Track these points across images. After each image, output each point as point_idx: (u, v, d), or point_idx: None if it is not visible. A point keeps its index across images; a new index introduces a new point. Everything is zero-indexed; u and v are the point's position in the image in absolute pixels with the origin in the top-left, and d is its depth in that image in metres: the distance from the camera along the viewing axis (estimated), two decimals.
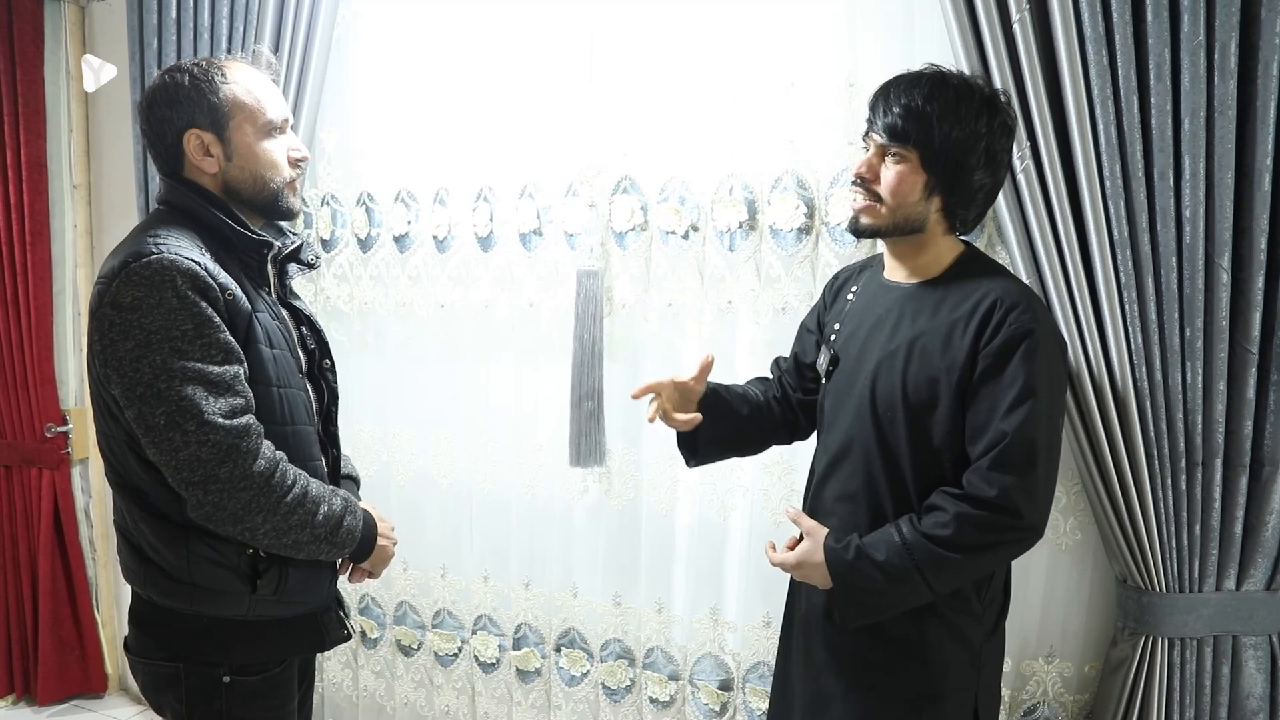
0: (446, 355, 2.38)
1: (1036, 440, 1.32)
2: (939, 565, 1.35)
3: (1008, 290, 1.37)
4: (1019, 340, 1.32)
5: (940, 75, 1.38)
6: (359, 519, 1.51)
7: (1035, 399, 1.31)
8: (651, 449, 2.16)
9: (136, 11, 2.48)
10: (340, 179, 2.44)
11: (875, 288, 1.54)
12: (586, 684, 2.32)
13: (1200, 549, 1.66)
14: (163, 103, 1.44)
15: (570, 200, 2.14)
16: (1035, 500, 1.33)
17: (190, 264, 1.32)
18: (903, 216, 1.40)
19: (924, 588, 1.36)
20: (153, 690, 1.50)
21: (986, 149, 1.37)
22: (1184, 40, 1.52)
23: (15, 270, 2.81)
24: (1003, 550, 1.39)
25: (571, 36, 2.11)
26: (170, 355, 1.29)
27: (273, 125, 1.49)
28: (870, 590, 1.39)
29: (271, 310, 1.49)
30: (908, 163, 1.37)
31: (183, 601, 1.42)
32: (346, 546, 1.48)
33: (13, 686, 3.02)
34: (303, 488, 1.41)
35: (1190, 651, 1.69)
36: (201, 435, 1.30)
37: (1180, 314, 1.59)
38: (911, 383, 1.40)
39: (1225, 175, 1.54)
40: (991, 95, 1.39)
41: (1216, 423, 1.62)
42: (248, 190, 1.48)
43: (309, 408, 1.54)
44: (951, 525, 1.33)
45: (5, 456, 2.95)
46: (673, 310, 2.10)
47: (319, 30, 2.28)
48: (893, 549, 1.37)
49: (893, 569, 1.36)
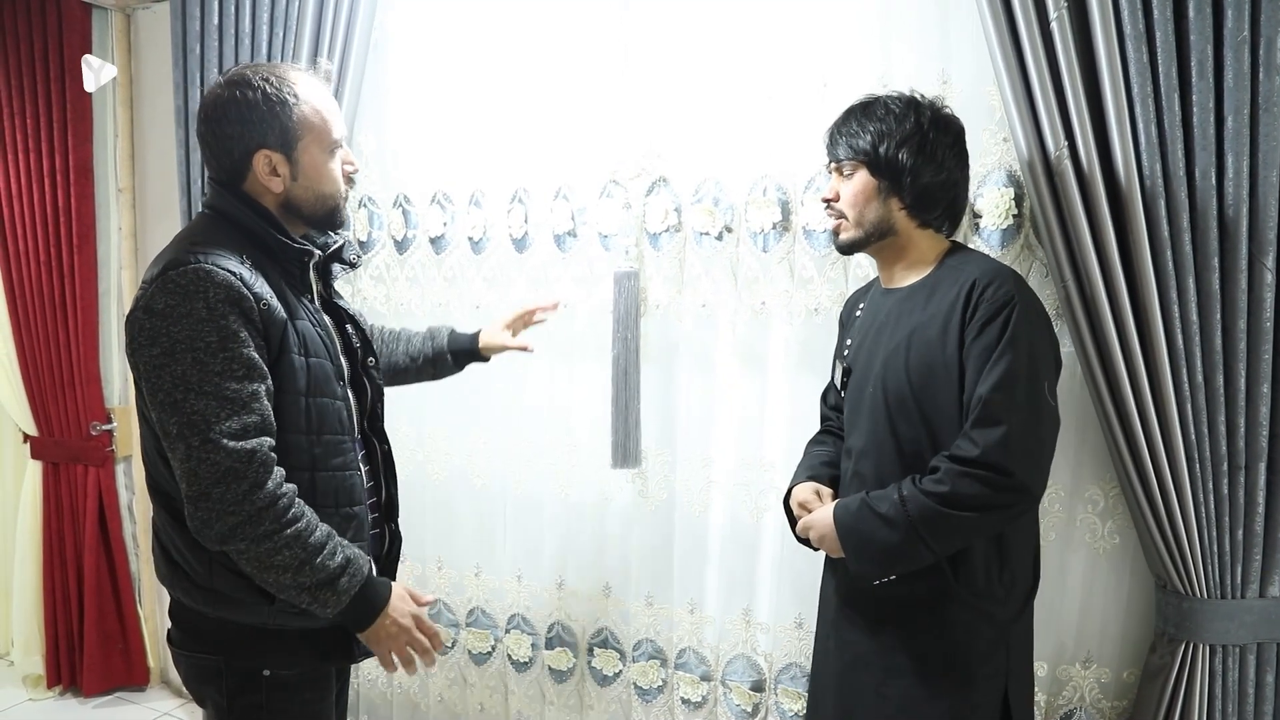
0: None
1: (1014, 396, 1.38)
2: (933, 521, 1.41)
3: (986, 270, 1.47)
4: (996, 311, 1.41)
5: (872, 97, 1.55)
6: (356, 583, 1.41)
7: (1009, 358, 1.38)
8: (685, 450, 2.16)
9: (180, 19, 2.53)
10: (377, 181, 2.47)
11: (877, 298, 1.65)
12: (619, 684, 2.33)
13: (1243, 554, 1.63)
14: (234, 119, 1.41)
15: (604, 201, 2.15)
16: (1016, 456, 1.37)
17: (225, 275, 1.33)
18: (869, 222, 1.54)
19: (921, 545, 1.42)
20: (195, 681, 1.53)
21: (921, 146, 1.49)
22: (1228, 36, 1.49)
23: (63, 272, 2.88)
24: (995, 512, 1.41)
25: (605, 38, 2.12)
26: (191, 366, 1.30)
27: (337, 143, 1.49)
28: (872, 540, 1.46)
29: (313, 317, 1.49)
30: (858, 174, 1.54)
31: (207, 606, 1.45)
32: (330, 607, 1.39)
33: (60, 678, 3.10)
34: (299, 530, 1.35)
35: (1232, 659, 1.66)
36: (203, 452, 1.30)
37: (1222, 315, 1.57)
38: (915, 373, 1.48)
39: (1270, 173, 1.51)
40: (917, 100, 1.53)
41: (1260, 426, 1.59)
42: (309, 207, 1.48)
43: (345, 417, 1.52)
44: (945, 482, 1.40)
45: (52, 454, 3.02)
46: (706, 311, 2.10)
47: (356, 35, 2.31)
48: (891, 503, 1.45)
49: (891, 520, 1.44)
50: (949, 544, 1.44)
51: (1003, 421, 1.37)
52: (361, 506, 1.54)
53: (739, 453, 2.10)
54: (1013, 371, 1.38)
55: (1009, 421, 1.37)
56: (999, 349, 1.39)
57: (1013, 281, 1.45)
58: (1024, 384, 1.39)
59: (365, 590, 1.42)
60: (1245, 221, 1.53)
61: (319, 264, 1.56)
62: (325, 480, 1.47)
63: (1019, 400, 1.38)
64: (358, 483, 1.54)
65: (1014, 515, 1.44)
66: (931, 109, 1.52)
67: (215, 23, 2.46)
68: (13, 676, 3.21)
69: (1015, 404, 1.38)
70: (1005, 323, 1.40)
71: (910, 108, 1.51)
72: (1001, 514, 1.42)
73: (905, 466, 1.50)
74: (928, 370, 1.47)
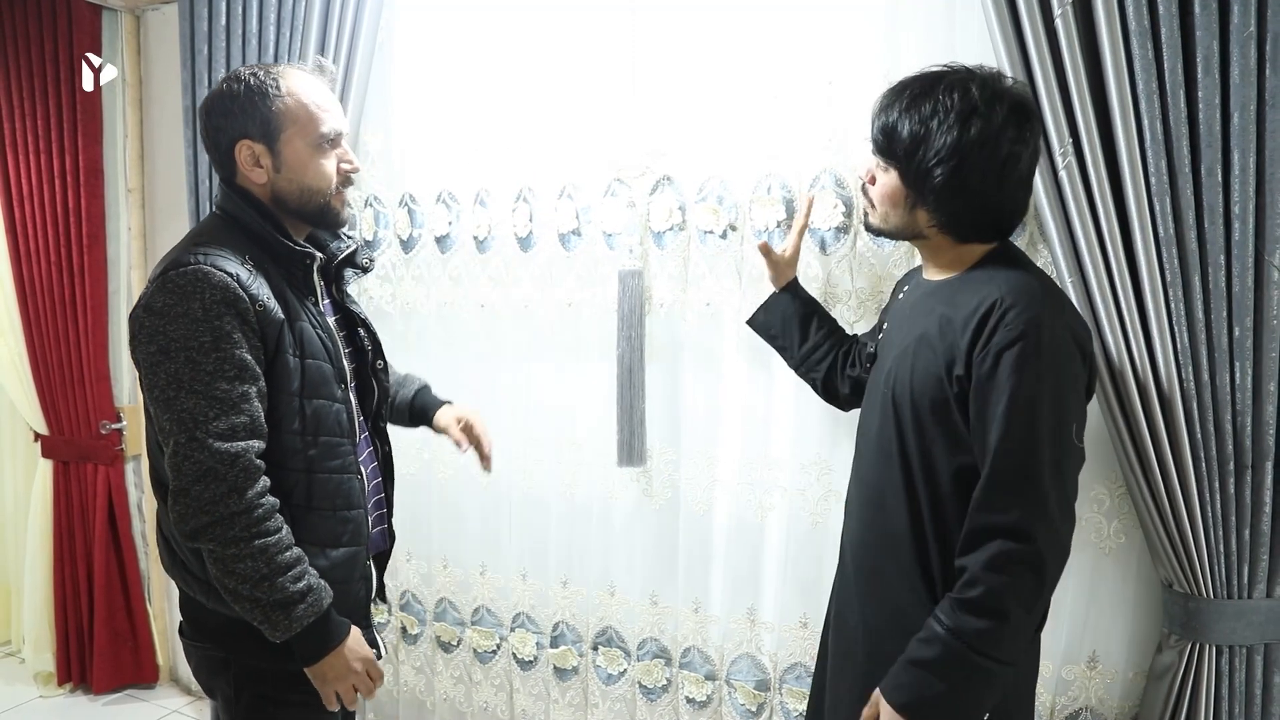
0: (487, 355, 2.41)
1: (1037, 457, 1.24)
2: (988, 634, 1.24)
3: (1013, 288, 1.28)
4: (1010, 344, 1.24)
5: (928, 86, 1.33)
6: (314, 613, 1.39)
7: (1030, 412, 1.23)
8: (689, 449, 2.16)
9: (188, 19, 2.55)
10: (383, 180, 2.48)
11: (916, 285, 1.55)
12: (623, 683, 2.33)
13: (1250, 554, 1.62)
14: (219, 111, 1.46)
15: (609, 200, 2.15)
16: (1044, 519, 1.23)
17: (222, 277, 1.35)
18: (894, 225, 1.44)
19: (992, 664, 1.25)
20: (205, 674, 1.56)
21: (958, 169, 1.30)
22: (1234, 32, 1.48)
23: (72, 271, 2.90)
24: (1025, 581, 1.24)
25: (610, 37, 2.12)
26: (184, 365, 1.32)
27: (325, 138, 1.49)
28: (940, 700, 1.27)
29: (314, 319, 1.50)
30: (890, 176, 1.40)
31: (204, 598, 1.48)
32: (280, 630, 1.38)
33: (70, 675, 3.12)
34: (266, 545, 1.35)
35: (1239, 659, 1.64)
36: (188, 450, 1.32)
37: (1229, 312, 1.55)
38: (917, 382, 1.37)
39: (1276, 170, 1.50)
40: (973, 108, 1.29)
41: (1267, 425, 1.57)
42: (294, 201, 1.50)
43: (344, 419, 1.53)
44: (979, 581, 1.24)
45: (63, 452, 3.04)
46: (711, 310, 2.10)
47: (363, 35, 2.32)
48: (939, 640, 1.26)
49: (947, 663, 1.26)
50: (1015, 646, 1.28)
51: (1032, 488, 1.23)
52: (360, 510, 1.54)
53: (744, 451, 2.10)
54: (1037, 426, 1.22)
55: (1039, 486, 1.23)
56: (1011, 400, 1.23)
57: (1041, 304, 1.26)
58: (1050, 438, 1.24)
59: (320, 624, 1.41)
60: (1252, 218, 1.52)
61: (330, 268, 1.58)
62: (322, 482, 1.48)
63: (1045, 459, 1.23)
64: (356, 486, 1.54)
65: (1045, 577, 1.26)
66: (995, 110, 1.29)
67: (223, 23, 2.48)
68: (24, 674, 3.24)
69: (1041, 464, 1.23)
70: (1020, 363, 1.23)
71: (968, 113, 1.28)
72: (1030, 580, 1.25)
73: (902, 469, 1.39)
74: (927, 381, 1.35)
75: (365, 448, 1.62)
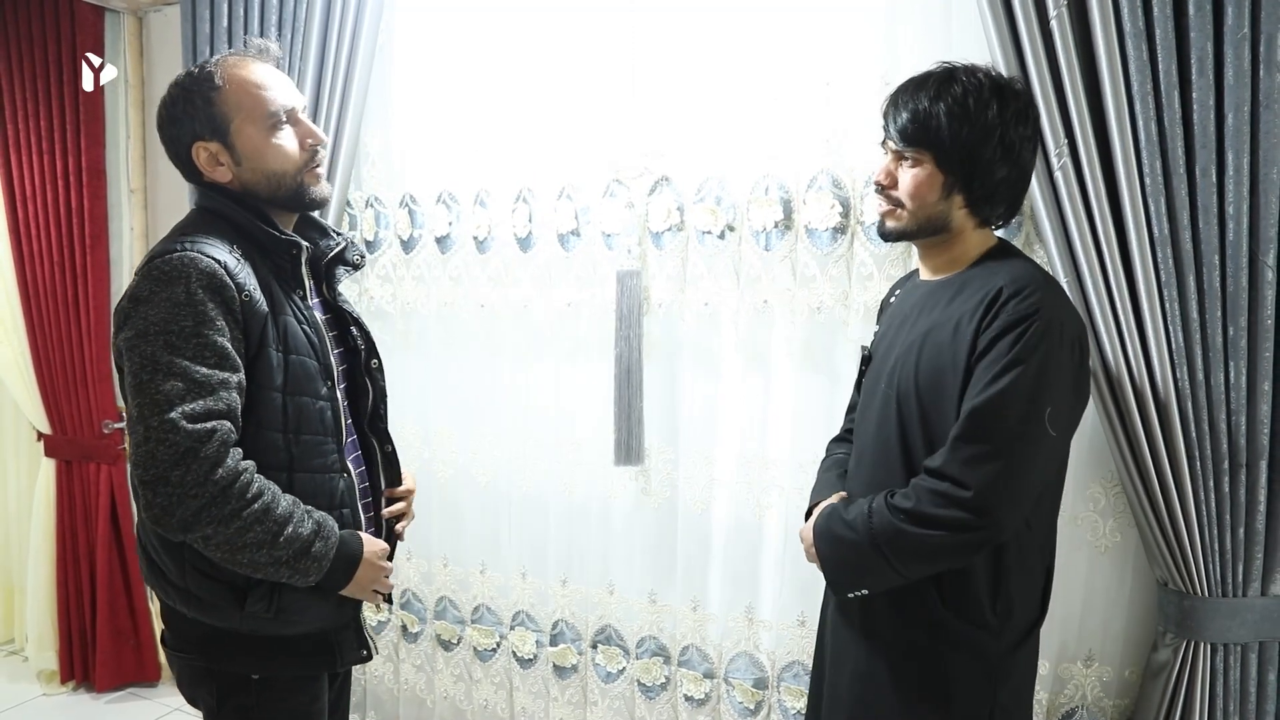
0: (487, 355, 2.42)
1: (1005, 416, 1.26)
2: (894, 538, 1.33)
3: (1018, 277, 1.32)
4: (1014, 323, 1.27)
5: (948, 73, 1.36)
6: (332, 545, 1.39)
7: (1013, 374, 1.25)
8: (688, 448, 2.17)
9: (190, 21, 2.56)
10: (384, 181, 2.49)
11: (911, 288, 1.56)
12: (622, 681, 2.34)
13: (1244, 553, 1.63)
14: (168, 120, 1.43)
15: (608, 201, 2.16)
16: (990, 482, 1.25)
17: (210, 262, 1.31)
18: (925, 218, 1.40)
19: (884, 562, 1.35)
20: (187, 683, 1.52)
21: (1001, 140, 1.33)
22: (1228, 33, 1.49)
23: (75, 272, 2.91)
24: (950, 538, 1.29)
25: (609, 38, 2.14)
26: (162, 349, 1.27)
27: (276, 117, 1.43)
28: (838, 550, 1.42)
29: (301, 314, 1.46)
30: (923, 165, 1.37)
31: (184, 607, 1.43)
32: (313, 574, 1.37)
33: (73, 673, 3.13)
34: (265, 504, 1.32)
35: (1234, 657, 1.65)
36: (161, 433, 1.25)
37: (1223, 312, 1.56)
38: (924, 376, 1.38)
39: (1270, 171, 1.51)
40: (1001, 84, 1.35)
41: (1261, 424, 1.58)
42: (265, 189, 1.45)
43: (328, 417, 1.47)
44: (911, 497, 1.32)
45: (65, 452, 3.05)
46: (709, 310, 2.11)
47: (363, 36, 2.33)
48: (860, 514, 1.39)
49: (855, 531, 1.38)
50: (914, 565, 1.34)
51: (986, 441, 1.26)
52: (347, 509, 1.49)
53: (741, 451, 2.11)
54: (1012, 389, 1.25)
55: (993, 442, 1.26)
56: (1005, 363, 1.26)
57: (1043, 295, 1.29)
58: (1021, 404, 1.26)
59: (341, 550, 1.41)
60: (1246, 219, 1.53)
61: (321, 264, 1.55)
62: (304, 481, 1.43)
63: (1010, 422, 1.26)
64: (340, 485, 1.49)
65: (969, 542, 1.30)
66: (1014, 100, 1.35)
67: (224, 25, 2.49)
68: (27, 672, 3.25)
69: (1004, 425, 1.26)
70: (1019, 337, 1.26)
71: (995, 97, 1.33)
72: (955, 537, 1.29)
73: (905, 470, 1.41)
74: (935, 375, 1.36)
75: (354, 449, 1.58)
